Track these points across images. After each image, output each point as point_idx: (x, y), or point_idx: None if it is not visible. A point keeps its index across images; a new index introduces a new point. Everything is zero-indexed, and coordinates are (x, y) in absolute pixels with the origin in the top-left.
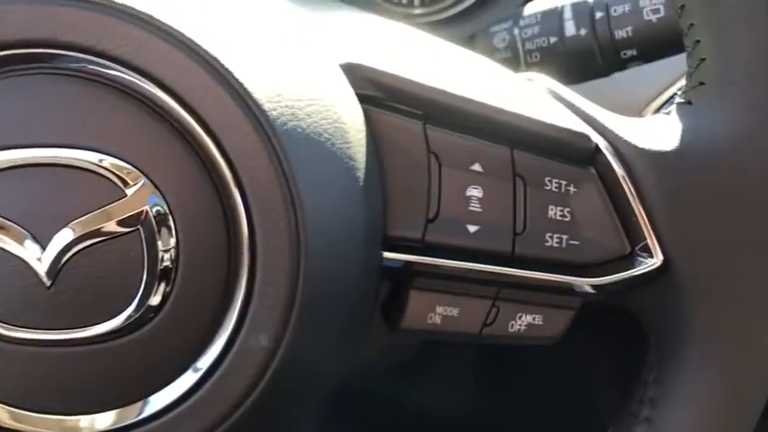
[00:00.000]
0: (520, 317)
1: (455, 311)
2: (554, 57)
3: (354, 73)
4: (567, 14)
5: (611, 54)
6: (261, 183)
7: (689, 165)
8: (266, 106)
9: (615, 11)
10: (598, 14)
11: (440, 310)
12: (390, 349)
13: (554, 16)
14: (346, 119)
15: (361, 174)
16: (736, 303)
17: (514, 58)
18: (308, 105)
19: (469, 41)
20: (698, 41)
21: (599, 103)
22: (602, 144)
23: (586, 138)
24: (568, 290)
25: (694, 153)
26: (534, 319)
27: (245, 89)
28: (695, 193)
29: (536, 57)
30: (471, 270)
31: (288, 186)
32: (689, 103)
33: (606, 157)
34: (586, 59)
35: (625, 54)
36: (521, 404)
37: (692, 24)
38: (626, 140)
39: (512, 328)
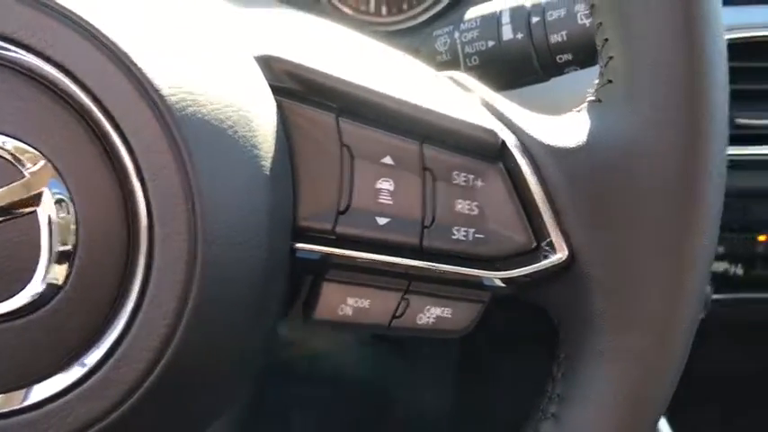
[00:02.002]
0: (428, 309)
1: (366, 303)
2: (492, 60)
3: (270, 65)
4: (505, 19)
5: (548, 58)
6: (159, 169)
7: (593, 161)
8: (165, 92)
9: (551, 15)
10: (534, 19)
11: (351, 301)
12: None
13: (492, 20)
14: (253, 108)
15: (266, 163)
16: (638, 301)
17: (455, 62)
18: (209, 92)
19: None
20: (606, 39)
21: (542, 108)
22: (510, 140)
23: (493, 133)
24: (477, 283)
25: (599, 150)
26: (443, 311)
27: (143, 74)
28: (598, 189)
29: (475, 60)
30: (381, 262)
31: (186, 173)
32: (599, 100)
33: (513, 153)
34: (523, 63)
35: (560, 58)
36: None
37: (601, 23)
38: (533, 137)
39: (420, 320)
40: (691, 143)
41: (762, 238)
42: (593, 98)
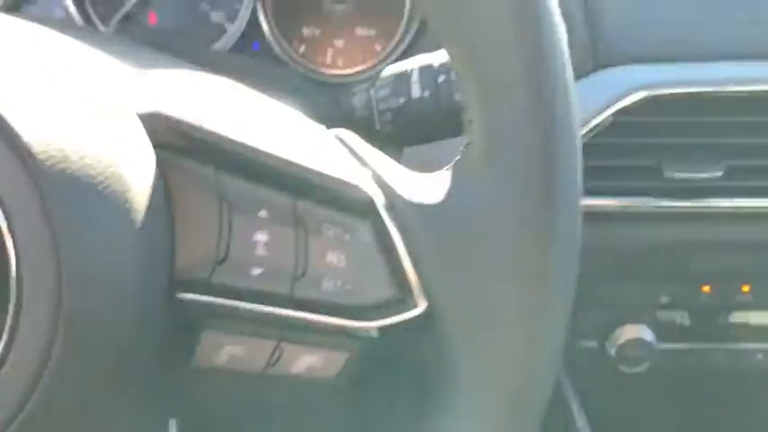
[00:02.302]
0: (301, 358)
1: (241, 351)
2: (404, 117)
3: (152, 122)
4: (415, 77)
5: (453, 116)
6: (28, 223)
7: (451, 219)
8: (36, 148)
9: (455, 75)
10: (441, 78)
11: (227, 349)
12: None
13: (404, 78)
14: (128, 163)
15: (139, 216)
16: (495, 357)
17: (370, 118)
18: (82, 149)
19: None
20: (467, 102)
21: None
22: (378, 196)
23: (362, 191)
24: (347, 332)
25: (457, 208)
26: (315, 359)
27: (13, 130)
28: (456, 246)
29: (388, 116)
30: (255, 312)
31: (53, 228)
32: (461, 160)
33: (379, 210)
34: (432, 120)
35: (465, 116)
36: None
37: (464, 88)
38: (399, 194)
39: (293, 368)
40: (540, 205)
41: (706, 288)
42: (458, 157)
